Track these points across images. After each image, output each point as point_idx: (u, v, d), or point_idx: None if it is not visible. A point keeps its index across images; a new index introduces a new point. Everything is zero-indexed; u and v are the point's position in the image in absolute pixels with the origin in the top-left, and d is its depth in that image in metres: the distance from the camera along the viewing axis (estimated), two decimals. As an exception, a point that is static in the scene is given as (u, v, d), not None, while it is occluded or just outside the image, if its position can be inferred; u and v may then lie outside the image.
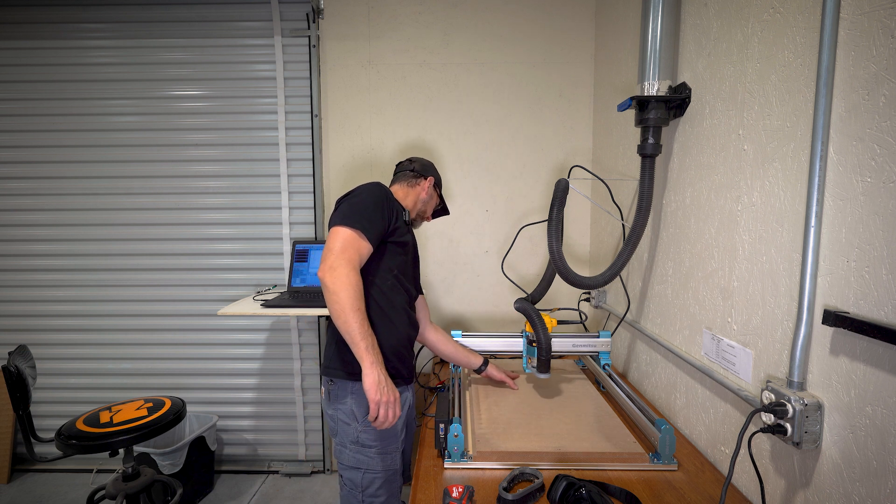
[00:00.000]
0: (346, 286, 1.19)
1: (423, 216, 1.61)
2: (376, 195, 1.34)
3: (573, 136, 2.39)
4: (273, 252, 2.51)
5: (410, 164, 1.60)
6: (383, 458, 1.32)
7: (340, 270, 1.19)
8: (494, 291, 2.47)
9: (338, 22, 2.37)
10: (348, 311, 1.18)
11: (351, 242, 1.24)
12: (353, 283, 1.20)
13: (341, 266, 1.20)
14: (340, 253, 1.22)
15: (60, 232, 2.51)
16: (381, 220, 1.31)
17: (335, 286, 1.19)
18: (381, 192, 1.36)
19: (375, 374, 1.20)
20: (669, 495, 1.10)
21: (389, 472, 1.34)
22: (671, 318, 1.52)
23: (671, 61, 1.41)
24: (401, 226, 1.40)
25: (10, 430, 2.56)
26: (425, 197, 1.57)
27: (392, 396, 1.22)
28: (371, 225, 1.28)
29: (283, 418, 2.60)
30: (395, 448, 1.35)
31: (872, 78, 0.81)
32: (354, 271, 1.22)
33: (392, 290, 1.38)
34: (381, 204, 1.33)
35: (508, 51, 2.36)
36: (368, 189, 1.36)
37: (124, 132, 2.45)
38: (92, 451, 1.65)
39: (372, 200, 1.32)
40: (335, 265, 1.20)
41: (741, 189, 1.17)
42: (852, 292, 0.85)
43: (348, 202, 1.32)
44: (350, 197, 1.34)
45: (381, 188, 1.38)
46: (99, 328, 2.56)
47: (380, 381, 1.20)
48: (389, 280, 1.38)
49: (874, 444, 0.81)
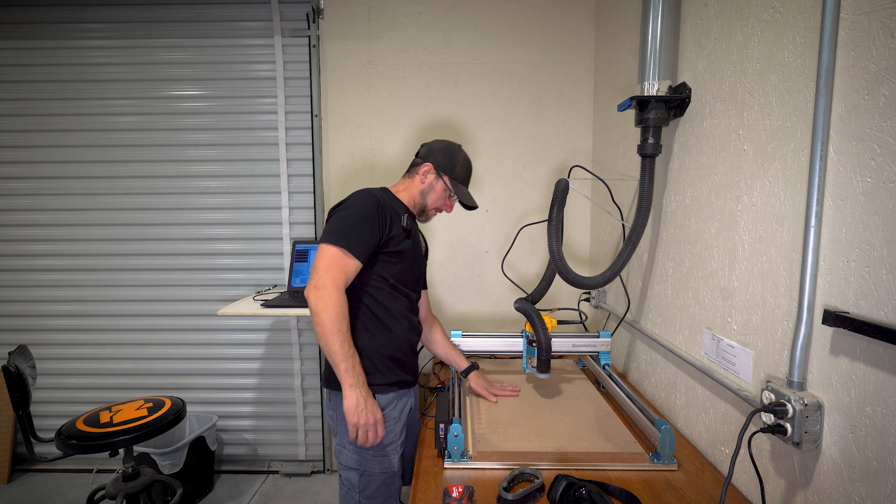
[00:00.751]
0: (327, 307, 1.18)
1: (427, 211, 1.47)
2: (366, 207, 1.28)
3: (573, 136, 2.39)
4: (273, 252, 2.51)
5: (419, 150, 1.47)
6: (381, 460, 1.32)
7: (323, 291, 1.19)
8: (494, 291, 2.47)
9: (338, 22, 2.37)
10: (328, 334, 1.18)
11: (336, 261, 1.22)
12: (335, 305, 1.19)
13: (325, 286, 1.19)
14: (325, 272, 1.21)
15: (60, 232, 2.51)
16: (370, 233, 1.27)
17: (317, 307, 1.19)
18: (370, 202, 1.29)
19: (354, 398, 1.20)
20: (669, 495, 1.10)
21: (387, 475, 1.33)
22: (671, 318, 1.52)
23: (671, 61, 1.41)
24: (397, 234, 1.33)
25: (10, 430, 2.56)
26: (423, 187, 1.43)
27: (372, 419, 1.22)
28: (359, 240, 1.24)
29: (283, 418, 2.60)
30: (394, 450, 1.35)
31: (872, 78, 0.81)
32: (338, 291, 1.20)
33: (389, 298, 1.35)
34: (370, 216, 1.27)
35: (508, 51, 2.36)
36: (358, 200, 1.30)
37: (124, 132, 2.45)
38: (92, 451, 1.65)
39: (360, 214, 1.27)
40: (319, 285, 1.20)
41: (741, 189, 1.17)
42: (852, 292, 0.85)
43: (337, 216, 1.29)
44: (339, 209, 1.30)
45: (371, 198, 1.31)
46: (99, 328, 2.56)
47: (358, 404, 1.20)
48: (385, 289, 1.34)
49: (874, 444, 0.81)
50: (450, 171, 1.43)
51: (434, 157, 1.43)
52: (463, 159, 1.47)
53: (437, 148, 1.45)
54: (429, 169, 1.42)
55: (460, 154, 1.47)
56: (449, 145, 1.46)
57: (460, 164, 1.45)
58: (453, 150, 1.46)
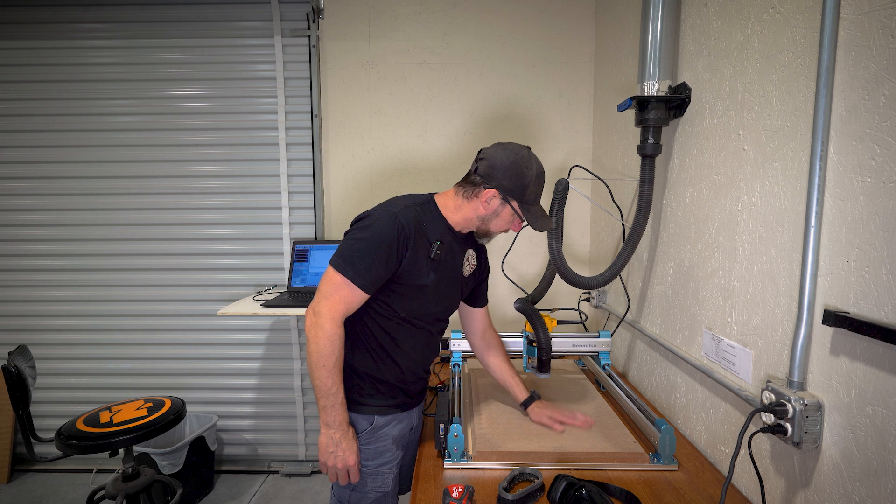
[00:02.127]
0: (317, 338, 1.12)
1: (488, 235, 1.28)
2: (384, 233, 1.12)
3: (573, 136, 2.39)
4: (273, 252, 2.51)
5: (476, 162, 1.21)
6: (374, 478, 1.26)
7: (318, 319, 1.12)
8: (494, 291, 2.47)
9: (338, 22, 2.37)
10: (312, 367, 1.13)
11: (338, 289, 1.12)
12: (325, 338, 1.11)
13: (321, 314, 1.12)
14: (324, 299, 1.13)
15: (60, 232, 2.51)
16: (382, 265, 1.13)
17: (308, 334, 1.13)
18: (392, 228, 1.13)
19: (327, 437, 1.15)
20: (669, 495, 1.10)
21: (379, 494, 1.27)
22: (671, 318, 1.52)
23: (671, 61, 1.41)
24: (418, 268, 1.17)
25: (10, 430, 2.56)
26: (485, 214, 1.21)
27: (341, 463, 1.17)
28: (367, 271, 1.12)
29: (283, 418, 2.60)
30: (389, 470, 1.28)
31: (872, 78, 0.80)
32: (332, 322, 1.12)
33: (398, 329, 1.23)
34: (386, 245, 1.12)
35: (508, 51, 2.36)
36: (378, 222, 1.14)
37: (124, 132, 2.45)
38: (92, 451, 1.65)
39: (376, 241, 1.12)
40: (316, 311, 1.13)
41: (741, 189, 1.16)
42: (852, 292, 0.85)
43: (352, 236, 1.16)
44: (358, 226, 1.17)
45: (395, 222, 1.13)
46: (99, 328, 2.56)
47: (328, 445, 1.15)
48: (394, 321, 1.22)
49: (874, 444, 0.81)
50: (520, 196, 1.19)
51: (499, 180, 1.17)
52: (535, 176, 1.19)
53: (501, 165, 1.17)
54: (493, 195, 1.18)
55: (531, 170, 1.19)
56: (516, 161, 1.17)
57: (532, 184, 1.19)
58: (522, 165, 1.18)
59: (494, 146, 1.22)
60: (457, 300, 1.36)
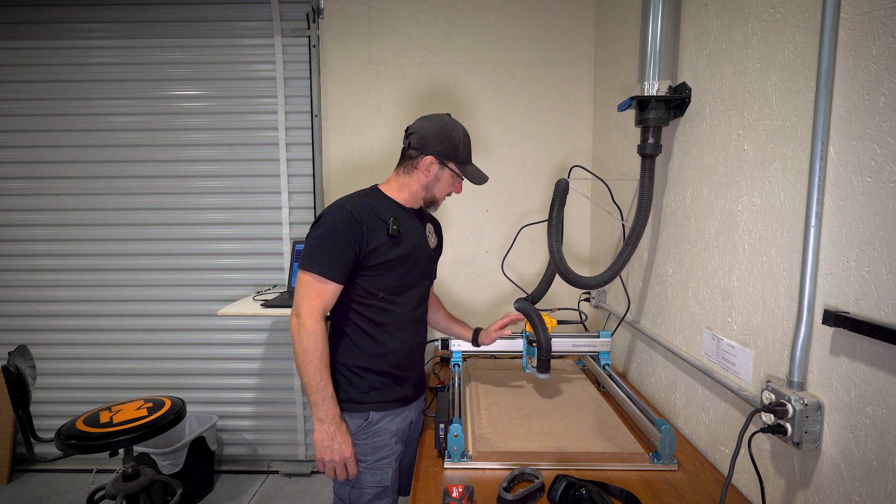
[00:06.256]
0: (300, 337, 1.18)
1: (435, 202, 1.36)
2: (336, 224, 1.20)
3: (573, 136, 2.39)
4: (273, 252, 2.51)
5: (407, 138, 1.30)
6: (373, 473, 1.28)
7: (301, 319, 1.18)
8: (494, 291, 2.47)
9: (338, 22, 2.37)
10: (300, 364, 1.19)
11: (310, 287, 1.19)
12: (307, 335, 1.17)
13: (300, 314, 1.18)
14: (301, 301, 1.19)
15: (60, 232, 2.51)
16: (344, 252, 1.19)
17: (293, 335, 1.20)
18: (341, 217, 1.20)
19: (320, 433, 1.20)
20: (669, 495, 1.10)
21: (379, 489, 1.29)
22: (671, 318, 1.52)
23: (671, 61, 1.41)
24: (380, 245, 1.23)
25: (10, 430, 2.56)
26: (427, 181, 1.31)
27: (339, 456, 1.20)
28: (332, 262, 1.18)
29: (283, 418, 2.60)
30: (388, 465, 1.30)
31: (872, 78, 0.80)
32: (313, 319, 1.18)
33: (380, 313, 1.28)
34: (341, 233, 1.19)
35: (508, 51, 2.36)
36: (328, 217, 1.22)
37: (124, 132, 2.45)
38: (92, 451, 1.65)
39: (330, 232, 1.19)
40: (296, 312, 1.19)
41: (741, 189, 1.17)
42: (852, 292, 0.85)
43: (311, 238, 1.22)
44: (314, 229, 1.23)
45: (342, 211, 1.21)
46: (99, 328, 2.56)
47: (323, 440, 1.19)
48: (374, 304, 1.28)
49: (874, 444, 0.81)
50: (453, 156, 1.29)
51: (432, 146, 1.27)
52: (462, 136, 1.31)
53: (430, 133, 1.27)
54: (431, 161, 1.28)
55: (458, 132, 1.31)
56: (442, 126, 1.29)
57: (462, 144, 1.31)
58: (448, 129, 1.29)
59: (419, 120, 1.33)
60: (428, 271, 1.41)
